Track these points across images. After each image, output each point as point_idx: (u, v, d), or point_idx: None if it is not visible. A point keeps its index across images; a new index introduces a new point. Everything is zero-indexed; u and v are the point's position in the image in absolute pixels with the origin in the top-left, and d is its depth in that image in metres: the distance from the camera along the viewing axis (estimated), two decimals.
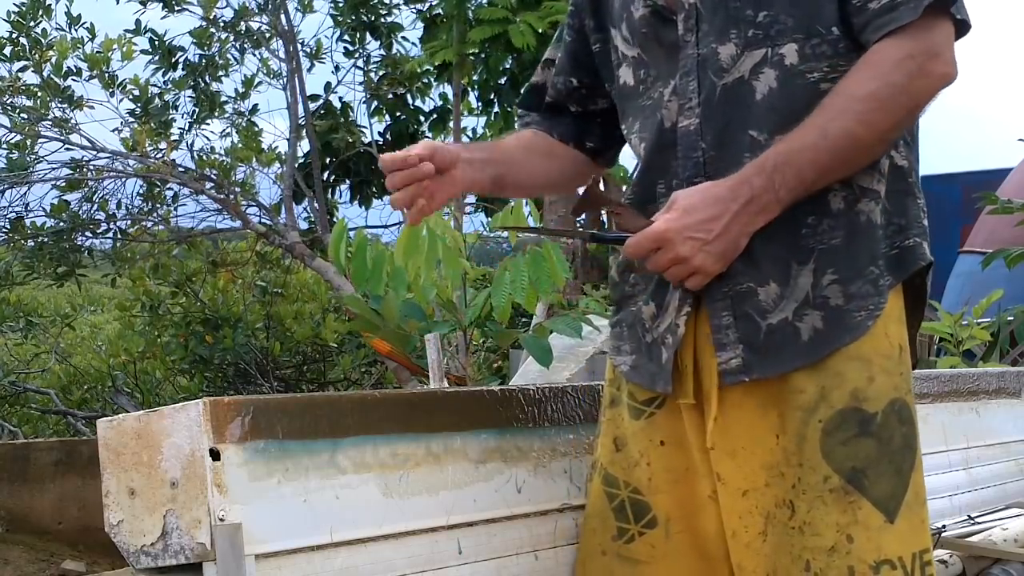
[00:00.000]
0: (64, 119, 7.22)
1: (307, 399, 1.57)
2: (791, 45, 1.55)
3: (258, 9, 7.86)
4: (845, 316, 1.54)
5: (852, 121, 1.48)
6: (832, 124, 1.49)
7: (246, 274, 7.92)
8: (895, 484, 1.55)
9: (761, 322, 1.55)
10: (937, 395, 2.74)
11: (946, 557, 2.47)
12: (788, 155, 1.49)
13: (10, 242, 7.44)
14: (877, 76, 1.49)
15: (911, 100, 1.51)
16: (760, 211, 1.50)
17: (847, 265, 1.54)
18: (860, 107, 1.48)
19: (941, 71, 1.51)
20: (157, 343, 7.60)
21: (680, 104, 1.61)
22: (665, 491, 1.68)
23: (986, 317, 5.21)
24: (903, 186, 1.60)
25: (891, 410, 1.56)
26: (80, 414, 7.26)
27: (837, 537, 1.53)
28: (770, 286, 1.55)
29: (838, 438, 1.53)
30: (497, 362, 6.12)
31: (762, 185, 1.49)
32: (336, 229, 3.21)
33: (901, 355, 1.58)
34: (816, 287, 1.54)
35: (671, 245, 1.51)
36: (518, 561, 1.74)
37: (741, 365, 1.56)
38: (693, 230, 1.50)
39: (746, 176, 1.50)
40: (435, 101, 8.74)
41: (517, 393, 1.81)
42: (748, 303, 1.56)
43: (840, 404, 1.53)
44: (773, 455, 1.56)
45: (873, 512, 1.53)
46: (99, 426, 1.50)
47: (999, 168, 8.65)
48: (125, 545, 1.46)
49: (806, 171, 1.49)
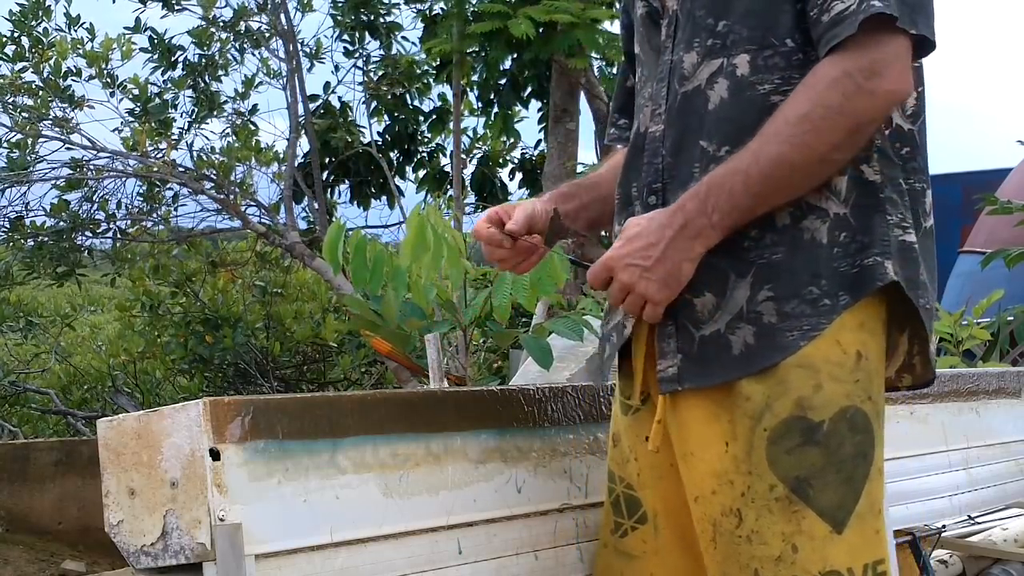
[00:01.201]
0: (64, 119, 7.22)
1: (307, 399, 1.57)
2: (743, 56, 1.53)
3: (258, 9, 7.86)
4: (777, 334, 1.51)
5: (785, 145, 1.46)
6: (764, 149, 1.47)
7: (246, 274, 7.92)
8: (843, 494, 1.52)
9: (695, 332, 1.55)
10: (937, 395, 2.74)
11: (946, 557, 2.47)
12: (721, 180, 1.49)
13: (10, 241, 7.44)
14: (811, 97, 1.46)
15: (849, 120, 1.46)
16: (696, 236, 1.50)
17: (785, 282, 1.51)
18: (793, 130, 1.45)
19: (885, 88, 1.45)
20: (157, 343, 7.60)
21: (652, 110, 1.63)
22: (651, 487, 1.69)
23: (986, 317, 5.22)
24: (871, 201, 1.54)
25: (841, 418, 1.52)
26: (80, 414, 7.26)
27: (783, 547, 1.51)
28: (706, 296, 1.54)
29: (783, 447, 1.51)
30: (497, 362, 6.12)
31: (694, 209, 1.49)
32: (331, 231, 3.21)
33: (859, 363, 1.53)
34: (751, 301, 1.52)
35: (616, 273, 1.54)
36: (518, 561, 1.74)
37: (676, 374, 1.57)
38: (632, 257, 1.52)
39: (682, 202, 1.51)
40: (434, 101, 8.75)
41: (517, 393, 1.81)
42: (685, 313, 1.56)
43: (784, 413, 1.51)
44: (722, 462, 1.54)
45: (818, 522, 1.51)
46: (99, 426, 1.50)
47: (999, 168, 8.65)
48: (125, 545, 1.46)
49: (739, 196, 1.48)
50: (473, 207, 8.32)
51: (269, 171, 7.88)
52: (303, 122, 7.98)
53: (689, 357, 1.55)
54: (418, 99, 8.75)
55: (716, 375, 1.54)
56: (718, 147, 1.54)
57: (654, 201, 1.60)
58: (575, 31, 6.88)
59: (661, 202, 1.59)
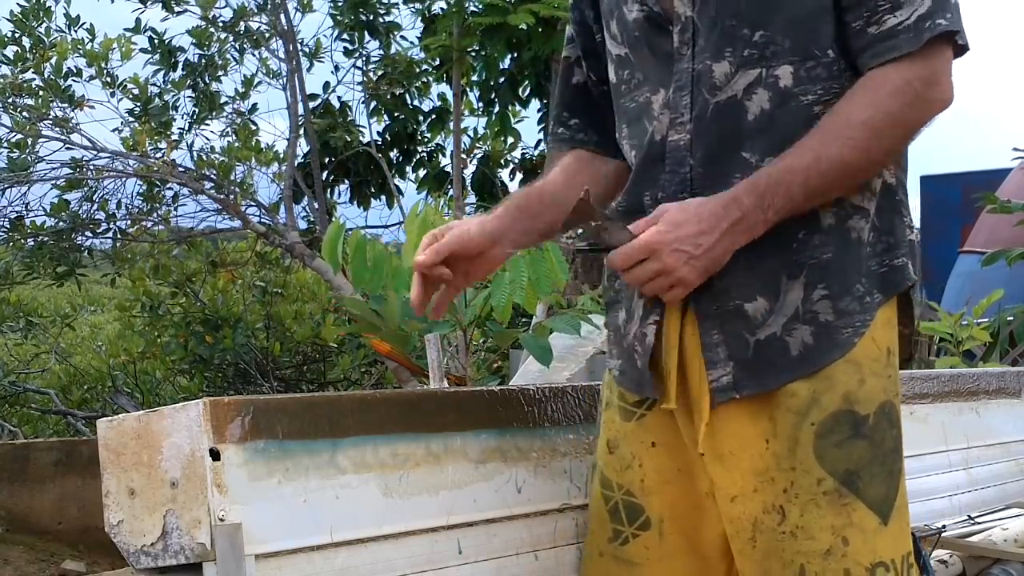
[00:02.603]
0: (65, 119, 7.22)
1: (307, 399, 1.57)
2: (786, 67, 1.54)
3: (257, 9, 7.86)
4: (834, 332, 1.54)
5: (846, 148, 1.49)
6: (826, 150, 1.49)
7: (246, 274, 7.92)
8: (888, 486, 1.55)
9: (750, 338, 1.55)
10: (937, 395, 2.74)
11: (946, 557, 2.47)
12: (780, 177, 1.49)
13: (10, 241, 7.44)
14: (874, 103, 1.49)
15: (906, 128, 1.52)
16: (747, 230, 1.50)
17: (837, 281, 1.54)
18: (855, 134, 1.49)
19: (939, 98, 1.52)
20: (157, 343, 7.59)
21: (672, 118, 1.59)
22: (657, 492, 1.68)
23: (986, 317, 5.22)
24: (892, 203, 1.60)
25: (882, 412, 1.56)
26: (80, 414, 7.26)
27: (832, 540, 1.52)
28: (758, 301, 1.54)
29: (831, 440, 1.53)
30: (497, 362, 6.11)
31: (752, 205, 1.49)
32: (331, 230, 3.21)
33: (889, 358, 1.58)
34: (806, 301, 1.53)
35: (658, 256, 1.50)
36: (518, 561, 1.74)
37: (731, 382, 1.56)
38: (682, 243, 1.49)
39: (737, 195, 1.50)
40: (434, 101, 8.75)
41: (517, 393, 1.81)
42: (737, 320, 1.56)
43: (832, 407, 1.53)
44: (763, 460, 1.55)
45: (868, 514, 1.53)
46: (99, 426, 1.50)
47: (999, 168, 8.65)
48: (125, 545, 1.46)
49: (797, 194, 1.49)
50: (473, 207, 8.32)
51: (269, 171, 7.88)
52: (303, 122, 7.98)
53: (743, 364, 1.55)
54: (418, 99, 8.75)
55: (775, 378, 1.54)
56: (761, 157, 1.54)
57: None
58: None
59: None
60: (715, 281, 1.55)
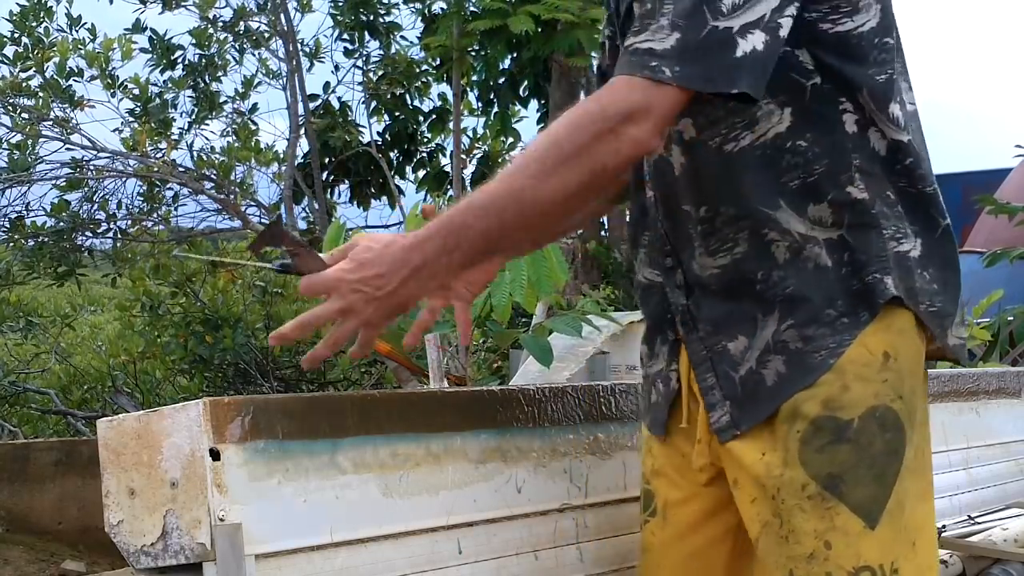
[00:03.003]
0: (65, 119, 7.22)
1: (307, 399, 1.57)
2: (685, 119, 1.54)
3: (257, 9, 7.86)
4: (805, 357, 1.54)
5: (521, 177, 1.41)
6: (495, 184, 1.43)
7: (246, 274, 7.92)
8: (875, 490, 1.54)
9: (735, 375, 1.58)
10: (937, 395, 2.74)
11: (946, 557, 2.47)
12: (461, 217, 1.44)
13: (10, 241, 7.44)
14: (562, 121, 1.42)
15: (592, 151, 1.40)
16: (432, 277, 1.47)
17: (802, 310, 1.54)
18: (528, 163, 1.41)
19: (634, 136, 1.39)
20: (157, 343, 7.59)
21: (643, 178, 1.67)
22: (664, 475, 1.72)
23: (986, 317, 5.22)
24: (865, 219, 1.55)
25: (870, 417, 1.54)
26: (80, 414, 7.26)
27: (815, 544, 1.53)
28: (739, 339, 1.58)
29: (814, 446, 1.53)
30: (497, 362, 6.11)
31: (434, 250, 1.45)
32: (331, 230, 3.21)
33: (886, 363, 1.55)
34: (776, 333, 1.55)
35: (338, 295, 1.47)
36: (518, 561, 1.74)
37: (730, 422, 1.59)
38: (364, 284, 1.46)
39: (423, 237, 1.46)
40: (434, 101, 8.75)
41: (517, 393, 1.81)
42: (724, 360, 1.59)
43: (813, 413, 1.53)
44: (756, 468, 1.57)
45: (852, 518, 1.53)
46: (99, 426, 1.50)
47: (999, 168, 8.65)
48: (125, 545, 1.46)
49: (475, 236, 1.43)
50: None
51: (269, 171, 7.89)
52: (303, 122, 7.98)
53: (736, 402, 1.58)
54: (418, 99, 8.76)
55: (761, 410, 1.57)
56: (697, 208, 1.58)
57: (670, 263, 1.64)
58: (575, 31, 6.89)
59: (676, 262, 1.63)
60: (700, 326, 1.60)
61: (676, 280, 1.64)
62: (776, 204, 1.54)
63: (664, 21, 1.41)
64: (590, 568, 1.84)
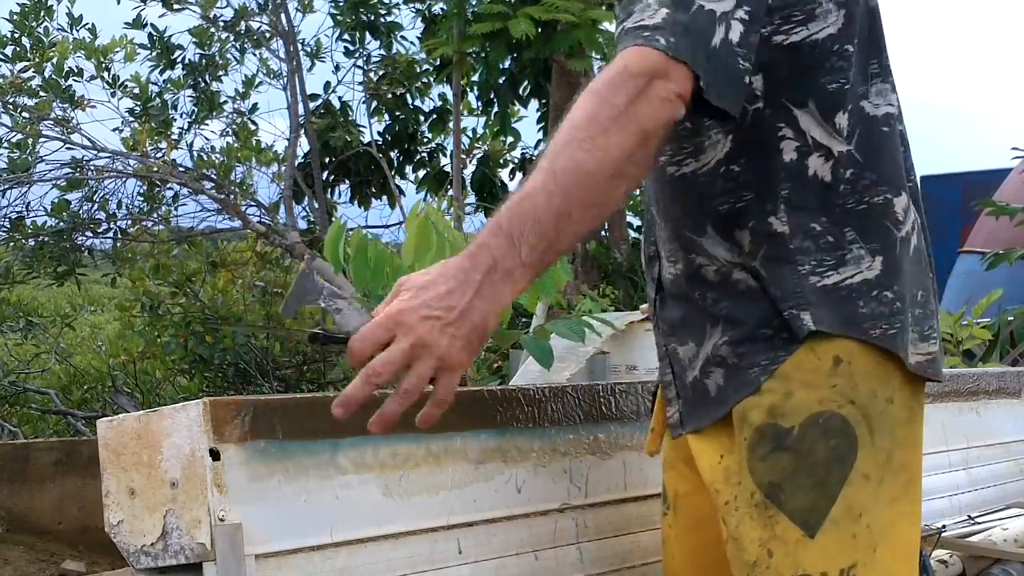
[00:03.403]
0: (65, 119, 7.22)
1: (307, 399, 1.57)
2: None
3: (258, 9, 7.86)
4: (740, 372, 1.54)
5: (578, 149, 1.28)
6: (557, 160, 1.29)
7: (246, 274, 7.92)
8: (815, 498, 1.51)
9: (686, 379, 1.62)
10: (937, 395, 2.74)
11: (946, 557, 2.47)
12: (520, 206, 1.27)
13: (11, 241, 7.44)
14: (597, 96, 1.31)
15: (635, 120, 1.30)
16: (505, 278, 1.26)
17: (738, 329, 1.55)
18: (582, 134, 1.29)
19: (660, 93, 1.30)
20: (157, 343, 7.60)
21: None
22: (673, 467, 1.73)
23: (986, 317, 5.22)
24: (781, 253, 1.51)
25: (812, 423, 1.51)
26: (80, 414, 7.26)
27: (759, 552, 1.52)
28: (688, 345, 1.61)
29: (758, 453, 1.52)
30: (497, 362, 6.11)
31: (501, 246, 1.26)
32: (332, 230, 3.21)
33: (836, 367, 1.51)
34: (715, 346, 1.57)
35: (406, 328, 1.23)
36: (518, 561, 1.74)
37: (678, 420, 1.64)
38: (430, 307, 1.23)
39: (483, 240, 1.27)
40: (434, 101, 8.75)
41: (517, 393, 1.81)
42: (676, 362, 1.63)
43: (758, 421, 1.53)
44: (713, 473, 1.57)
45: (790, 526, 1.51)
46: (99, 426, 1.50)
47: (999, 168, 8.65)
48: (125, 545, 1.46)
49: (544, 219, 1.26)
50: (473, 207, 8.32)
51: (269, 171, 7.89)
52: (303, 122, 7.98)
53: (686, 402, 1.63)
54: (418, 99, 8.76)
55: (703, 417, 1.60)
56: (664, 226, 1.63)
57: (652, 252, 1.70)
58: (576, 31, 6.89)
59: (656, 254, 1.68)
60: (660, 324, 1.66)
61: (653, 272, 1.69)
62: (703, 230, 1.56)
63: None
64: (590, 568, 1.84)
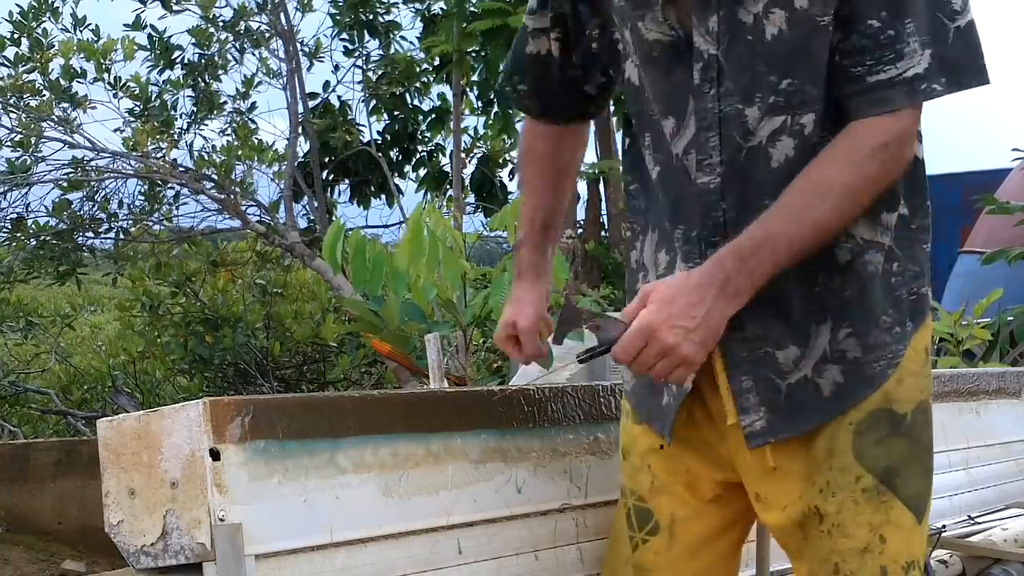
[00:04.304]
0: (66, 119, 7.22)
1: (307, 399, 1.57)
2: (810, 115, 1.52)
3: (257, 8, 7.85)
4: (864, 367, 1.55)
5: (829, 211, 1.47)
6: (809, 213, 1.47)
7: (246, 274, 7.92)
8: (923, 485, 1.57)
9: (781, 383, 1.56)
10: (937, 395, 2.73)
11: (946, 557, 2.47)
12: (763, 241, 1.47)
13: (12, 241, 7.44)
14: (854, 165, 1.47)
15: (880, 188, 1.50)
16: (735, 295, 1.47)
17: (862, 317, 1.55)
18: (835, 200, 1.47)
19: (909, 157, 1.51)
20: (157, 343, 7.59)
21: (699, 159, 1.56)
22: (668, 492, 1.69)
23: (986, 317, 5.22)
24: (909, 233, 1.59)
25: (919, 410, 1.57)
26: (80, 414, 7.25)
27: (870, 537, 1.54)
28: (790, 349, 1.56)
29: (870, 438, 1.54)
30: (497, 362, 6.11)
31: (736, 270, 1.47)
32: (331, 230, 3.21)
33: (927, 357, 1.60)
34: (833, 342, 1.55)
35: (657, 336, 1.46)
36: (518, 561, 1.74)
37: (765, 427, 1.57)
38: (677, 318, 1.46)
39: (721, 260, 1.48)
40: (434, 100, 8.75)
41: (517, 393, 1.81)
42: (767, 366, 1.57)
43: (871, 406, 1.54)
44: (803, 465, 1.57)
45: (904, 512, 1.55)
46: (99, 426, 1.50)
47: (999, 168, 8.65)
48: (125, 545, 1.46)
49: (781, 256, 1.47)
50: (473, 207, 8.32)
51: (269, 171, 7.89)
52: (303, 121, 7.98)
53: (775, 409, 1.57)
54: (418, 98, 8.75)
55: (808, 420, 1.56)
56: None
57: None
58: None
59: None
60: (747, 327, 1.56)
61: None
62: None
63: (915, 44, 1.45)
64: (590, 568, 1.84)
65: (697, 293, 1.46)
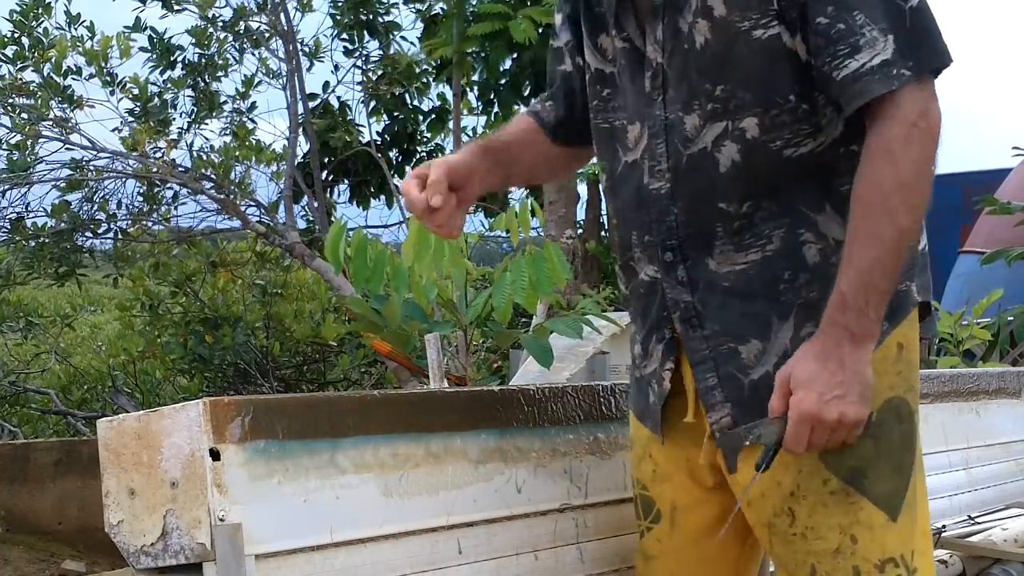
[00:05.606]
0: (64, 119, 7.22)
1: (307, 399, 1.57)
2: (751, 119, 1.53)
3: (257, 9, 7.85)
4: None
5: (899, 215, 1.46)
6: (884, 230, 1.46)
7: (246, 274, 7.92)
8: (896, 482, 1.56)
9: (744, 379, 1.58)
10: (937, 395, 2.74)
11: (946, 557, 2.47)
12: (858, 277, 1.47)
13: (11, 242, 7.44)
14: (895, 161, 1.46)
15: (933, 159, 1.49)
16: (864, 338, 1.47)
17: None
18: (897, 202, 1.46)
19: (940, 121, 1.49)
20: (157, 343, 7.60)
21: (651, 165, 1.61)
22: (669, 480, 1.71)
23: (986, 317, 5.22)
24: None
25: (887, 408, 1.56)
26: (80, 414, 7.26)
27: (841, 539, 1.54)
28: (751, 343, 1.57)
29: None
30: (497, 362, 6.12)
31: (854, 318, 1.46)
32: (333, 229, 3.21)
33: (900, 354, 1.58)
34: (794, 339, 1.55)
35: (820, 419, 1.47)
36: (518, 561, 1.74)
37: (731, 423, 1.59)
38: (827, 392, 1.46)
39: (832, 319, 1.48)
40: (434, 101, 8.75)
41: (517, 393, 1.81)
42: (730, 362, 1.58)
43: None
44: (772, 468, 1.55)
45: (875, 511, 1.55)
46: (99, 426, 1.50)
47: (999, 168, 8.65)
48: (125, 545, 1.46)
49: (882, 283, 1.47)
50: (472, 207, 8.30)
51: (269, 171, 7.89)
52: (303, 122, 7.98)
53: (740, 404, 1.58)
54: (417, 99, 8.75)
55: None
56: (740, 205, 1.56)
57: (671, 258, 1.62)
58: None
59: (680, 257, 1.61)
60: (707, 324, 1.58)
61: (678, 276, 1.62)
62: (821, 207, 1.55)
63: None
64: (590, 568, 1.84)
65: (833, 359, 1.46)
